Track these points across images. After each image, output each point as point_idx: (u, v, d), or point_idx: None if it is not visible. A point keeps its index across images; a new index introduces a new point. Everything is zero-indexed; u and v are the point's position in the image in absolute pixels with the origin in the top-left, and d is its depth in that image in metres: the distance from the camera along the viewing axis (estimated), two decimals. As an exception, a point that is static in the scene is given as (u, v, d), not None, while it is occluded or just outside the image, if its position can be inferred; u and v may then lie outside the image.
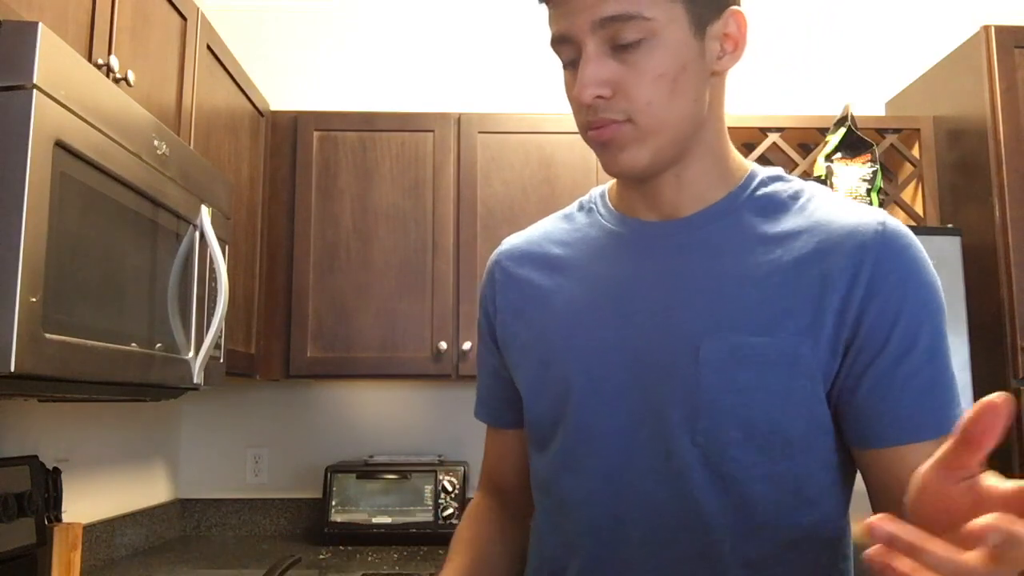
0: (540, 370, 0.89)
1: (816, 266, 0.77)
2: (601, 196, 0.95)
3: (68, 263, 1.18)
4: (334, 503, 2.43)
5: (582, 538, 0.84)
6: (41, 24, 1.10)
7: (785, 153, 2.57)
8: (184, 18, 1.84)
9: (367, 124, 2.50)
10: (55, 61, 1.14)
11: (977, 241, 2.26)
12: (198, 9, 1.91)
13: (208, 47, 1.97)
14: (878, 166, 2.43)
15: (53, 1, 1.30)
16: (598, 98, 0.77)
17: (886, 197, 2.55)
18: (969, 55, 2.35)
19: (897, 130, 2.58)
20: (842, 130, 2.45)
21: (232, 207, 1.92)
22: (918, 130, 2.56)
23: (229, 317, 1.84)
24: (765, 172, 0.87)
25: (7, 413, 1.74)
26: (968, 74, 2.35)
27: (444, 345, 2.40)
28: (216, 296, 1.69)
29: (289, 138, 2.50)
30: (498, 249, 1.01)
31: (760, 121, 2.57)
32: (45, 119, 1.11)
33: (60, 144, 1.14)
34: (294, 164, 2.48)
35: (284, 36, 2.87)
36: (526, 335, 0.91)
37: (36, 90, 1.09)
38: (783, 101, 2.83)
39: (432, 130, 2.50)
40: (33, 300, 1.08)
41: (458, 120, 2.51)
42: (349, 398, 2.76)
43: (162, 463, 2.56)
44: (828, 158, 2.45)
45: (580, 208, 0.96)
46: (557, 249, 0.93)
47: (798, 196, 0.84)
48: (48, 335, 1.12)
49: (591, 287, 0.87)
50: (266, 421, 2.73)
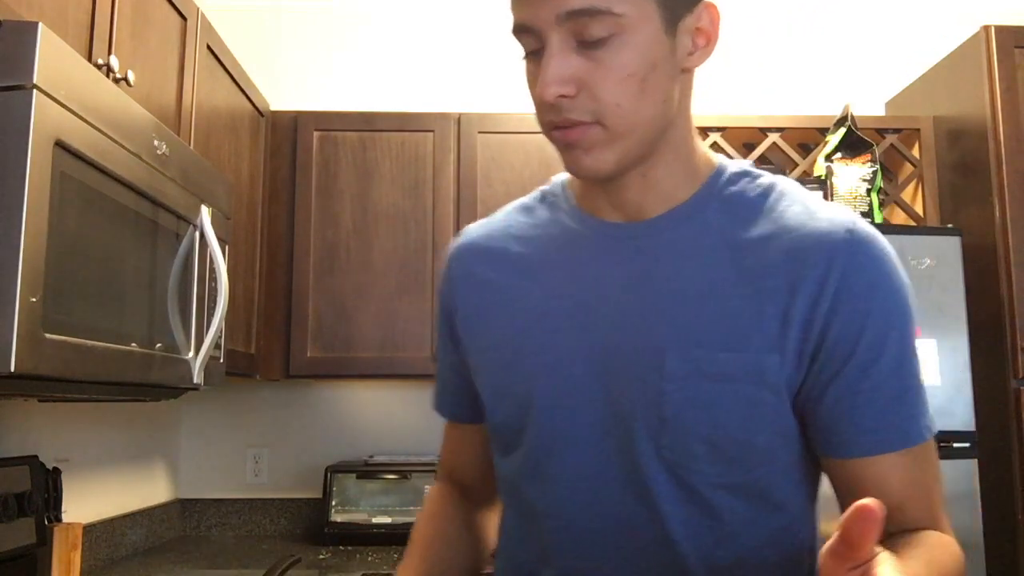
0: (502, 375, 0.86)
1: (784, 276, 0.75)
2: (564, 188, 0.90)
3: (68, 263, 1.18)
4: (334, 503, 2.43)
5: (554, 548, 0.82)
6: (41, 24, 1.10)
7: (785, 153, 2.57)
8: (184, 18, 1.84)
9: (367, 124, 2.50)
10: (55, 61, 1.14)
11: (977, 241, 2.26)
12: (198, 9, 1.91)
13: (208, 47, 1.97)
14: (878, 166, 2.43)
15: (53, 1, 1.30)
16: (562, 97, 0.72)
17: (886, 197, 2.55)
18: (969, 55, 2.35)
19: (897, 130, 2.58)
20: (842, 130, 2.45)
21: (232, 207, 1.92)
22: (918, 130, 2.56)
23: (229, 317, 1.84)
24: (732, 168, 0.83)
25: (7, 413, 1.74)
26: (968, 74, 2.35)
27: (444, 345, 2.40)
28: (216, 296, 1.69)
29: (289, 138, 2.50)
30: (456, 242, 0.95)
31: (760, 121, 2.57)
32: (45, 119, 1.11)
33: (60, 144, 1.14)
34: (294, 164, 2.49)
35: (284, 36, 2.88)
36: (486, 338, 0.88)
37: (36, 90, 1.09)
38: (783, 101, 2.83)
39: (432, 130, 2.50)
40: (33, 300, 1.08)
41: (458, 120, 2.51)
42: (349, 398, 2.76)
43: (162, 463, 2.56)
44: (828, 158, 2.45)
45: (543, 200, 0.92)
46: (518, 247, 0.89)
47: (767, 195, 0.80)
48: (48, 335, 1.12)
49: (553, 290, 0.83)
50: (266, 421, 2.73)
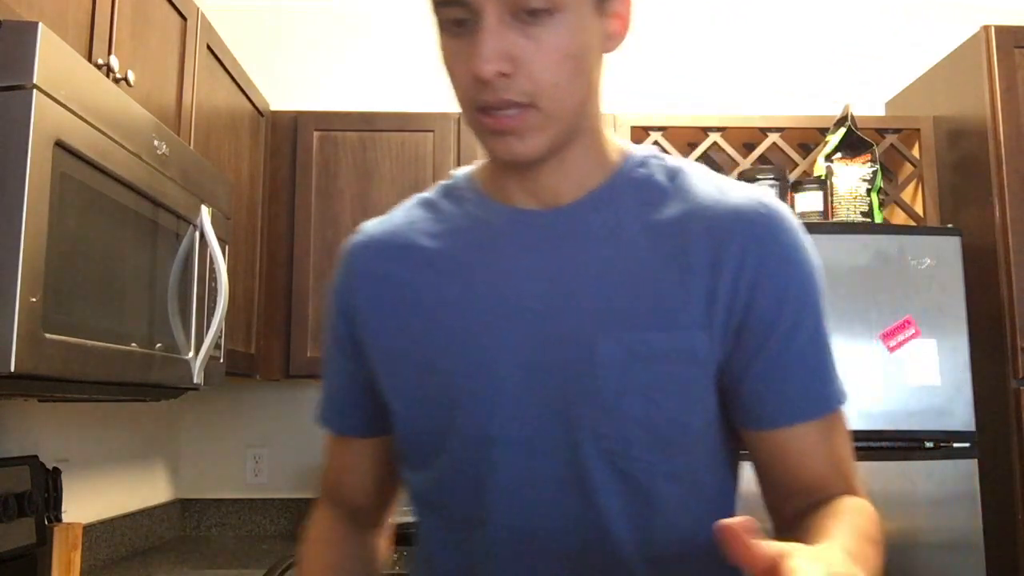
0: (419, 378, 0.80)
1: (705, 254, 0.75)
2: (468, 180, 0.86)
3: (68, 263, 1.18)
4: (334, 503, 2.42)
5: (489, 556, 0.79)
6: (41, 24, 1.10)
7: (785, 153, 2.57)
8: (184, 18, 1.84)
9: (367, 124, 2.50)
10: (55, 61, 1.14)
11: (977, 241, 2.26)
12: (198, 9, 1.91)
13: (208, 47, 1.97)
14: (878, 166, 2.43)
15: (53, 1, 1.30)
16: (500, 75, 0.69)
17: (886, 197, 2.55)
18: (969, 55, 2.35)
19: (897, 130, 2.58)
20: (842, 130, 2.45)
21: (232, 207, 1.92)
22: (918, 130, 2.56)
23: (229, 317, 1.84)
24: (639, 152, 0.83)
25: (7, 413, 1.74)
26: (968, 74, 2.35)
27: (444, 345, 2.40)
28: (216, 296, 1.69)
29: (289, 138, 2.50)
30: (353, 239, 0.90)
31: (760, 121, 2.57)
32: (45, 119, 1.11)
33: (60, 144, 1.14)
34: (294, 164, 2.48)
35: (284, 36, 2.87)
36: (398, 339, 0.82)
37: (36, 90, 1.09)
38: (783, 101, 2.83)
39: (432, 130, 2.50)
40: (33, 300, 1.08)
41: (458, 120, 2.51)
42: (349, 398, 2.76)
43: (162, 463, 2.56)
44: (828, 158, 2.45)
45: (445, 195, 0.87)
46: (426, 241, 0.84)
47: (675, 177, 0.80)
48: (48, 335, 1.12)
49: (471, 284, 0.79)
50: (266, 421, 2.73)
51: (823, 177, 2.44)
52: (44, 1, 1.27)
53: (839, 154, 2.45)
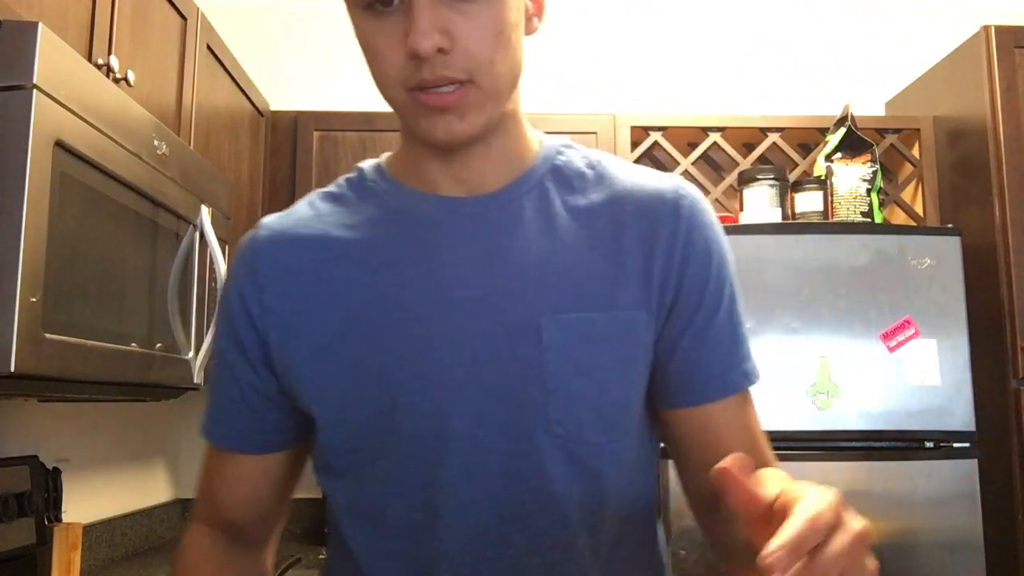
0: (349, 379, 0.75)
1: (636, 235, 0.77)
2: (377, 172, 0.83)
3: (68, 263, 1.18)
4: (334, 503, 2.42)
5: (436, 555, 0.75)
6: (41, 24, 1.10)
7: (785, 153, 2.57)
8: (184, 18, 1.84)
9: (367, 124, 2.50)
10: (55, 61, 1.14)
11: (977, 241, 2.26)
12: (198, 9, 1.91)
13: (208, 47, 1.97)
14: (878, 166, 2.43)
15: (53, 1, 1.30)
16: (438, 51, 0.67)
17: (886, 197, 2.55)
18: (969, 55, 2.35)
19: (897, 130, 2.58)
20: (842, 130, 2.45)
21: (232, 207, 1.92)
22: (918, 130, 2.56)
23: (229, 317, 1.83)
24: (557, 141, 0.84)
25: (7, 413, 1.74)
26: (968, 74, 2.35)
27: (444, 345, 2.39)
28: (216, 296, 1.69)
29: (289, 138, 2.50)
30: (254, 234, 0.83)
31: (760, 121, 2.57)
32: (45, 119, 1.11)
33: (60, 144, 1.14)
34: (294, 164, 2.48)
35: (284, 36, 2.87)
36: (319, 338, 0.76)
37: (36, 90, 1.09)
38: (783, 101, 2.83)
39: (432, 130, 2.50)
40: (33, 300, 1.08)
41: (458, 120, 2.51)
42: (349, 398, 2.75)
43: (162, 463, 2.56)
44: (828, 158, 2.45)
45: (352, 188, 0.83)
46: (340, 232, 0.79)
47: (593, 165, 0.82)
48: (48, 335, 1.12)
49: (401, 276, 0.76)
50: (266, 421, 2.73)
51: (823, 177, 2.44)
52: (44, 1, 1.27)
53: (839, 154, 2.45)
